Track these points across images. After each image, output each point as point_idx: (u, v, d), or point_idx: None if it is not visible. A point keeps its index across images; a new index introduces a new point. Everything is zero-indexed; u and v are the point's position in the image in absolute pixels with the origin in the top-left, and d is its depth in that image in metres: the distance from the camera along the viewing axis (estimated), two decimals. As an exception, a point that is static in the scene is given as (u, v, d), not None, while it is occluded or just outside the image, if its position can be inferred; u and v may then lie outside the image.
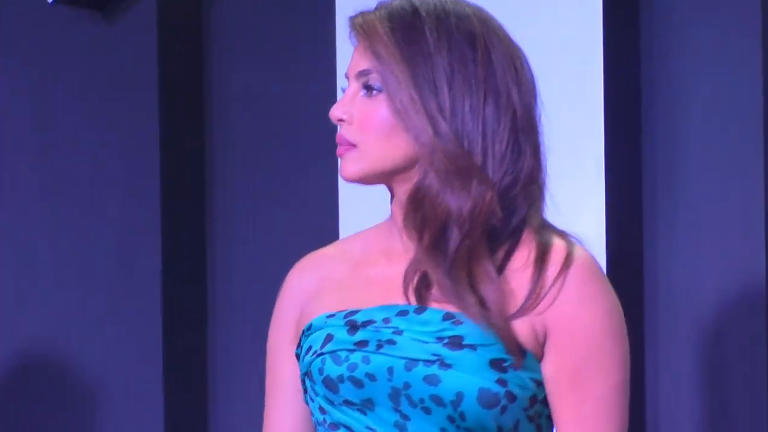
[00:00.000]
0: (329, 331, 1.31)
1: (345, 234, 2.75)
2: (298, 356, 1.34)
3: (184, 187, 3.46)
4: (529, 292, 1.25)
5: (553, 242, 1.28)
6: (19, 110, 3.55)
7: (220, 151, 3.41)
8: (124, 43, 3.45)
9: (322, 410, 1.31)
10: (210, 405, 3.46)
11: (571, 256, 1.26)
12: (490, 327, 1.25)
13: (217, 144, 3.42)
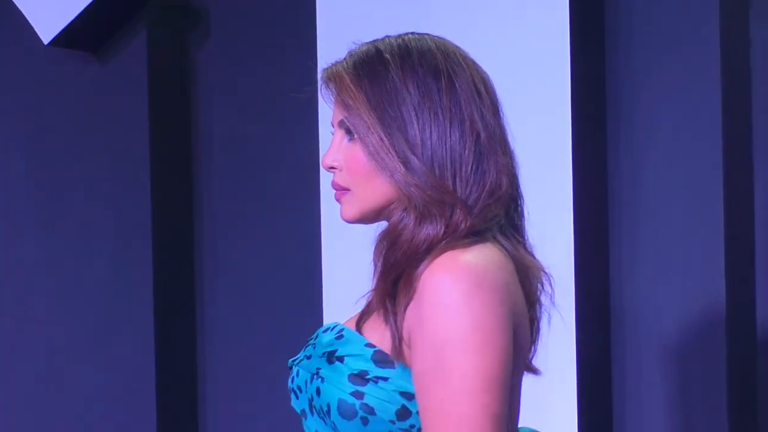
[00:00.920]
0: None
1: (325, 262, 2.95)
2: None
3: (174, 224, 3.52)
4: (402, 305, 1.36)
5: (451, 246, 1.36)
6: (14, 148, 3.63)
7: (208, 190, 3.48)
8: (116, 84, 3.51)
9: None
10: (200, 407, 3.40)
11: (441, 265, 1.32)
12: (360, 335, 1.39)
13: (205, 181, 3.49)
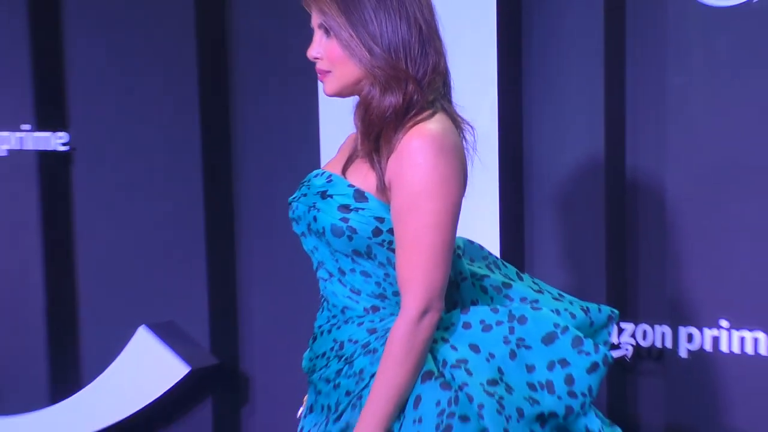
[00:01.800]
0: None
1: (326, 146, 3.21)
2: None
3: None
4: (386, 156, 1.77)
5: (418, 119, 1.77)
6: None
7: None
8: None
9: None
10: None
11: (416, 131, 1.73)
12: (343, 178, 1.85)
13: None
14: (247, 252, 3.64)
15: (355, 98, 1.95)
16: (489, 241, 2.88)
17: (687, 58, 2.98)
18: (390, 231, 1.83)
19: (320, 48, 1.85)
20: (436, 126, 1.78)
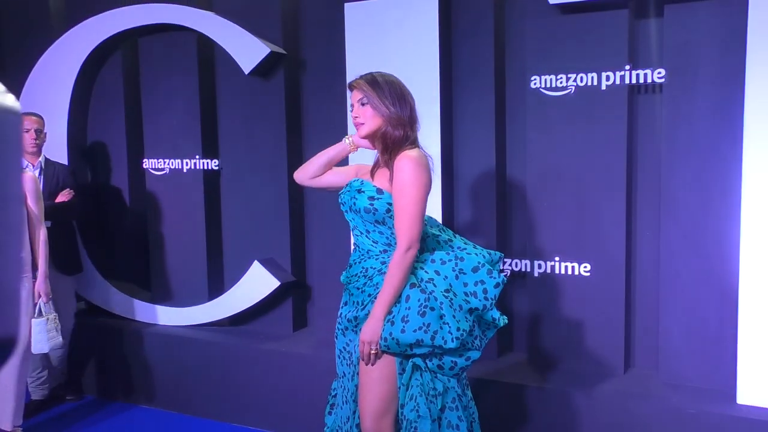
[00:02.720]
0: None
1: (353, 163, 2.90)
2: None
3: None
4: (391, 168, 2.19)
5: (407, 149, 2.19)
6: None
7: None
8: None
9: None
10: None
11: (405, 155, 2.16)
12: (370, 182, 2.25)
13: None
14: (312, 218, 3.87)
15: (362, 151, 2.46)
16: (437, 215, 3.29)
17: (531, 124, 3.20)
18: (392, 210, 2.20)
19: (359, 112, 2.25)
20: (415, 153, 2.17)
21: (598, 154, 3.08)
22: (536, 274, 3.25)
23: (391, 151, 2.20)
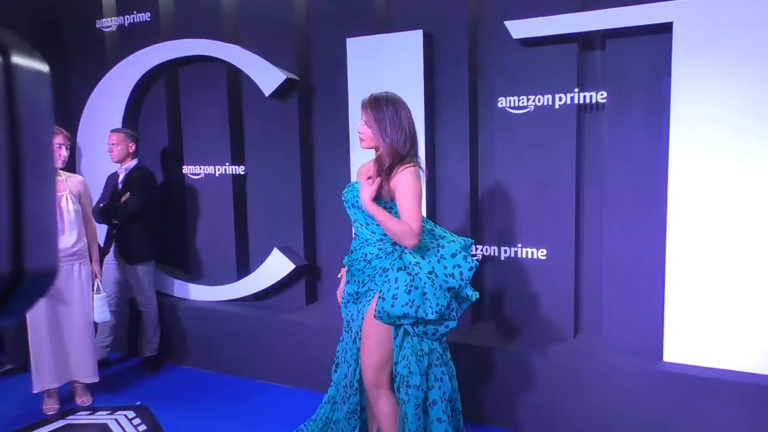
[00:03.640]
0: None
1: (354, 169, 3.24)
2: None
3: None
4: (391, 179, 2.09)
5: (404, 165, 2.06)
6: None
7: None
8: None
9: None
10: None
11: (404, 171, 2.09)
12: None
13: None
14: (322, 215, 3.82)
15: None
16: (423, 210, 2.85)
17: (498, 136, 3.17)
18: (386, 208, 2.13)
19: (362, 130, 2.17)
20: (413, 167, 2.11)
21: (553, 161, 3.06)
22: (503, 258, 3.21)
23: (381, 170, 2.13)
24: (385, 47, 3.25)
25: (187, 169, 4.09)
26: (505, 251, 3.20)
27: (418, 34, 3.18)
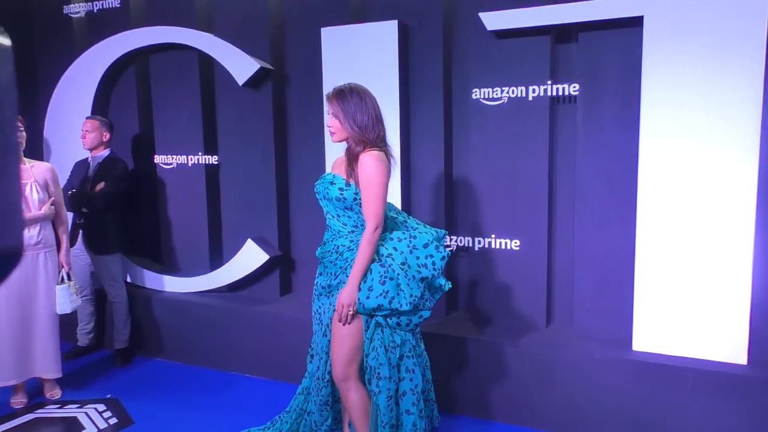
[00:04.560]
0: None
1: (329, 159, 3.28)
2: None
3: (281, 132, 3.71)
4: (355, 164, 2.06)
5: (368, 150, 2.06)
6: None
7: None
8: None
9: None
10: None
11: (366, 154, 2.07)
12: (340, 176, 2.13)
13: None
14: (296, 205, 3.80)
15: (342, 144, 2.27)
16: (397, 202, 3.27)
17: (472, 128, 3.16)
18: (356, 194, 2.13)
19: (331, 123, 2.15)
20: (376, 152, 2.10)
21: (526, 152, 3.07)
22: (477, 249, 3.22)
23: (351, 158, 2.13)
24: (360, 37, 3.24)
25: (159, 159, 4.05)
26: (479, 242, 3.20)
27: (393, 25, 3.18)
